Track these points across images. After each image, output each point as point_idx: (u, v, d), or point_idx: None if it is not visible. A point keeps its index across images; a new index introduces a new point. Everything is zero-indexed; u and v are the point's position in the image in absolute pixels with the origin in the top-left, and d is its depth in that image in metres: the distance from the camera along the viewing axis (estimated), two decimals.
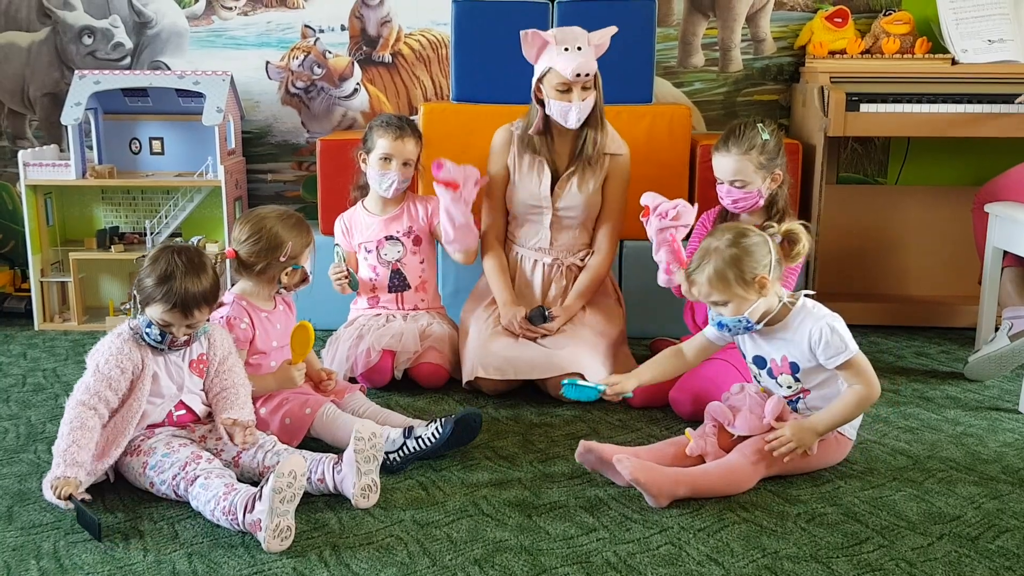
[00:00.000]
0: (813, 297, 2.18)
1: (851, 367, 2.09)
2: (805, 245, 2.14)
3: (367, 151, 2.84)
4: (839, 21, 3.43)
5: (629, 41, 3.13)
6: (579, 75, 2.62)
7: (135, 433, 2.06)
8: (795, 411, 2.19)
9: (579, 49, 2.63)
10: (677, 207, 2.48)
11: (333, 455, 2.06)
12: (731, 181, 2.52)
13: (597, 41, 2.65)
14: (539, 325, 2.72)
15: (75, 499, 1.90)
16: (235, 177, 3.55)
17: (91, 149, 3.59)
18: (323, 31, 3.67)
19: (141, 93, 3.54)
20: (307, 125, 3.75)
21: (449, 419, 2.23)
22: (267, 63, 3.69)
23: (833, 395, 2.15)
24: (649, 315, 3.11)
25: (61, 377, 2.91)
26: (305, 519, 1.94)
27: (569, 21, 3.09)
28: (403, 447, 2.19)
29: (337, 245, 2.91)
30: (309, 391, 2.40)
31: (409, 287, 2.91)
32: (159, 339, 2.04)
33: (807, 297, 2.16)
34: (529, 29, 2.69)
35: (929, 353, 3.17)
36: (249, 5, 3.65)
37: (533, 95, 2.74)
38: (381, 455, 2.03)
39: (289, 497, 1.82)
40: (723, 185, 2.55)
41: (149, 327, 2.03)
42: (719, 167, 2.54)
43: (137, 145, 3.63)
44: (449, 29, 3.30)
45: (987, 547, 1.86)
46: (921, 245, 3.57)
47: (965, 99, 3.15)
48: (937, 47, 3.38)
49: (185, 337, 2.06)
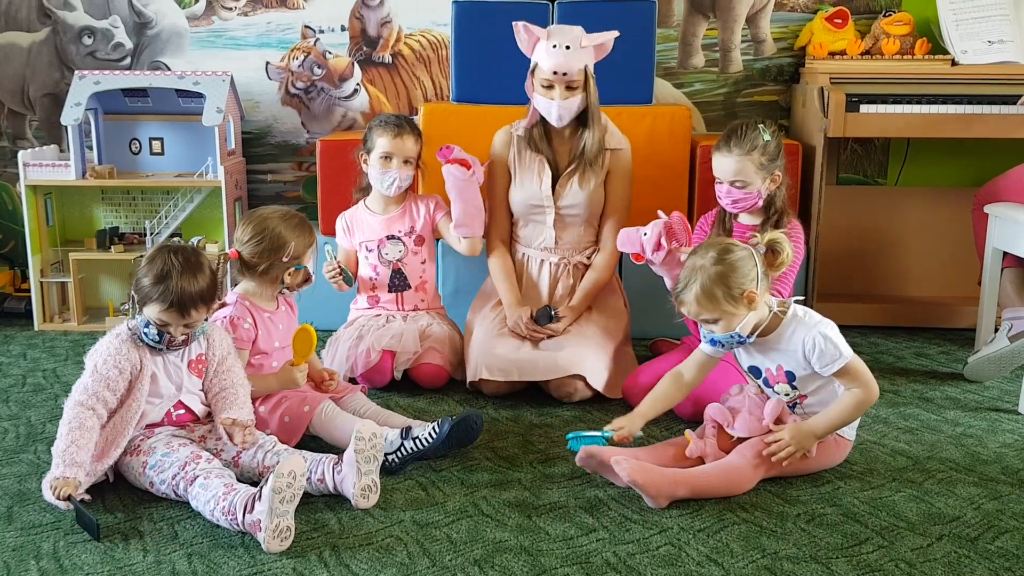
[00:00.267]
0: (803, 303, 2.17)
1: (847, 372, 2.09)
2: (789, 254, 2.13)
3: (367, 151, 2.85)
4: (839, 22, 3.43)
5: (629, 42, 3.13)
6: (556, 73, 2.62)
7: (134, 433, 2.06)
8: (792, 413, 2.19)
9: (567, 48, 2.62)
10: (659, 232, 2.41)
11: (333, 455, 2.06)
12: (731, 181, 2.51)
13: (592, 42, 2.63)
14: (545, 325, 2.72)
15: (74, 499, 1.90)
16: (235, 177, 3.55)
17: (91, 149, 3.59)
18: (323, 32, 3.67)
19: (141, 93, 3.54)
20: (307, 125, 3.75)
21: (446, 420, 2.23)
22: (267, 63, 3.69)
23: (831, 398, 2.15)
24: (649, 315, 3.10)
25: (61, 377, 2.91)
26: (305, 519, 1.94)
27: (569, 21, 3.09)
28: (401, 448, 2.19)
29: (326, 244, 2.90)
30: (308, 389, 2.40)
31: (409, 287, 2.91)
32: (157, 339, 2.04)
33: (797, 304, 2.15)
34: (521, 22, 2.69)
35: (929, 354, 3.17)
36: (249, 5, 3.65)
37: (526, 89, 2.74)
38: (381, 455, 2.03)
39: (289, 497, 1.82)
40: (722, 185, 2.54)
41: (147, 327, 2.04)
42: (719, 167, 2.53)
43: (137, 145, 3.63)
44: (449, 30, 3.29)
45: (987, 548, 1.86)
46: (921, 246, 3.57)
47: (965, 100, 3.14)
48: (937, 48, 3.38)
49: (183, 337, 2.06)
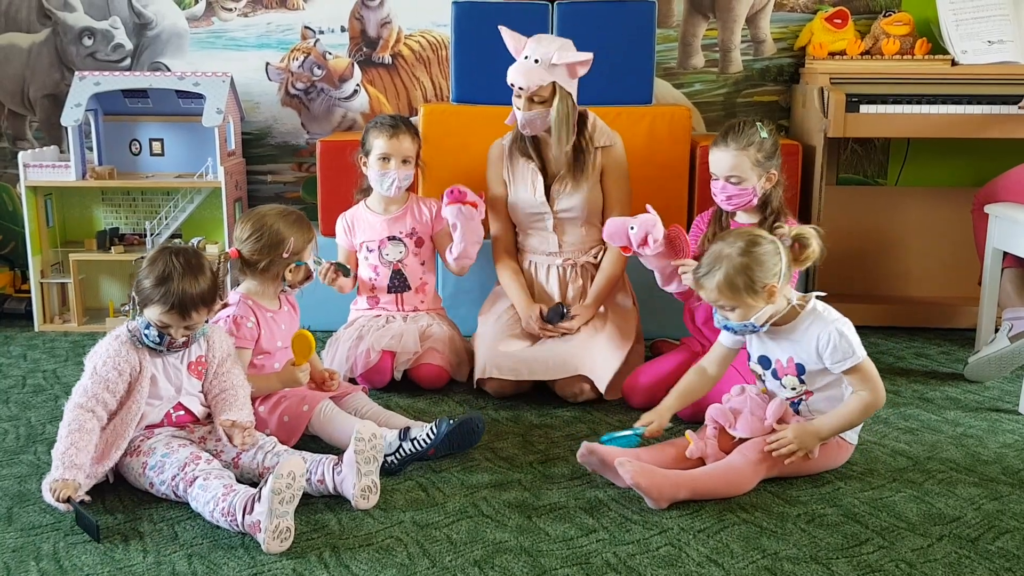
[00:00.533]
0: (823, 299, 2.18)
1: (858, 372, 2.09)
2: (815, 249, 2.13)
3: (365, 153, 2.85)
4: (839, 22, 3.43)
5: (629, 42, 3.14)
6: (513, 84, 2.63)
7: (134, 434, 2.06)
8: (797, 413, 2.19)
9: (535, 62, 2.60)
10: (646, 230, 2.43)
11: (333, 456, 2.06)
12: (727, 177, 2.51)
13: (561, 60, 2.59)
14: (558, 324, 2.71)
15: (74, 501, 1.90)
16: (235, 178, 3.55)
17: (91, 150, 3.58)
18: (323, 32, 3.67)
19: (141, 94, 3.54)
20: (307, 126, 3.75)
21: (443, 420, 2.23)
22: (267, 64, 3.69)
23: (837, 398, 2.15)
24: (649, 316, 3.11)
25: (61, 378, 2.91)
26: (305, 520, 1.94)
27: (569, 22, 3.10)
28: (399, 449, 2.19)
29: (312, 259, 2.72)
30: (307, 389, 2.40)
31: (409, 288, 2.90)
32: (157, 340, 2.04)
33: (818, 300, 2.16)
34: (503, 27, 2.69)
35: (929, 354, 3.17)
36: (249, 6, 3.65)
37: None
38: (381, 456, 2.03)
39: (288, 498, 1.82)
40: (718, 181, 2.54)
41: (147, 328, 2.04)
42: (715, 162, 2.54)
43: (137, 146, 3.63)
44: (449, 30, 3.29)
45: (987, 548, 1.86)
46: (921, 246, 3.57)
47: (965, 100, 3.14)
48: (937, 48, 3.38)
49: (183, 338, 2.06)
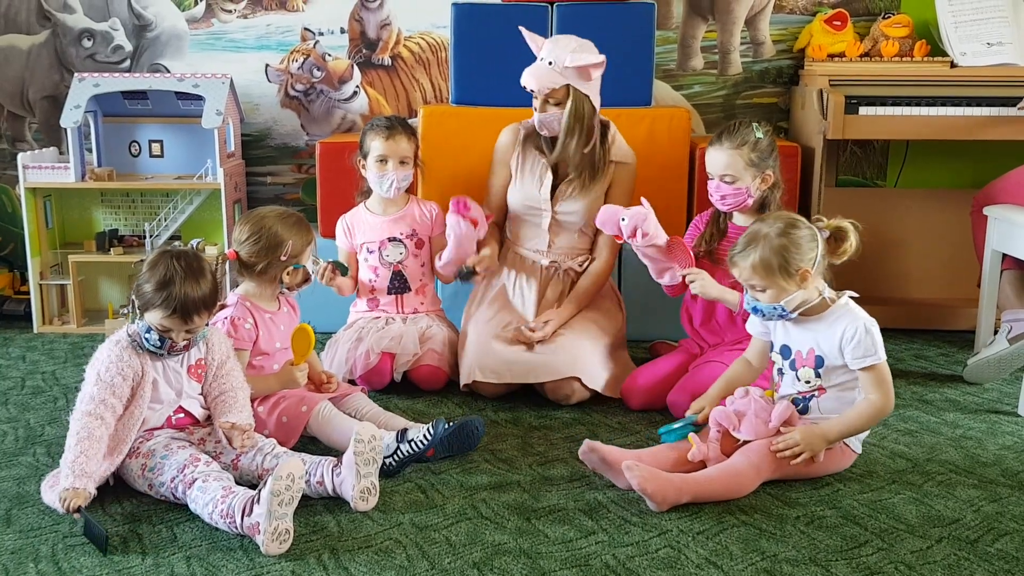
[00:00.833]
0: (856, 300, 2.18)
1: (875, 373, 2.10)
2: (853, 244, 2.14)
3: (363, 156, 2.85)
4: (838, 24, 3.43)
5: (628, 44, 3.14)
6: (524, 86, 2.64)
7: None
8: (806, 411, 2.19)
9: (548, 64, 2.62)
10: (635, 224, 2.44)
11: (332, 458, 2.06)
12: (720, 176, 2.52)
13: (573, 63, 2.59)
14: (465, 280, 2.77)
15: (84, 511, 1.88)
16: (234, 180, 3.55)
17: (90, 152, 3.58)
18: (323, 34, 3.67)
19: (141, 96, 3.54)
20: (307, 128, 3.75)
21: (440, 421, 2.23)
22: (267, 66, 3.69)
23: (848, 401, 2.16)
24: (649, 317, 3.11)
25: (60, 380, 2.91)
26: (304, 522, 1.94)
27: (568, 24, 3.10)
28: (397, 451, 2.19)
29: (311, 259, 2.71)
30: (305, 391, 2.39)
31: (409, 289, 2.90)
32: (158, 344, 2.03)
33: (851, 299, 2.17)
34: (523, 27, 2.69)
35: (928, 356, 3.17)
36: (249, 8, 3.66)
37: None
38: (380, 458, 2.03)
39: (287, 500, 1.81)
40: (712, 180, 2.56)
41: (148, 332, 2.02)
42: (710, 161, 2.56)
43: (136, 148, 3.63)
44: (448, 32, 3.29)
45: (986, 550, 1.86)
46: (920, 248, 3.57)
47: (964, 102, 3.14)
48: (936, 50, 3.38)
49: (184, 342, 2.05)
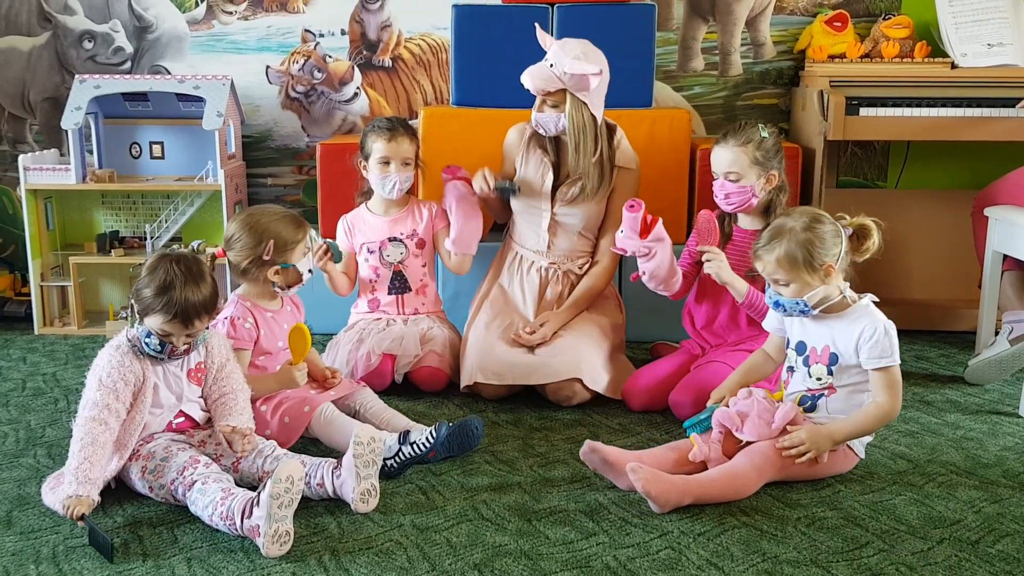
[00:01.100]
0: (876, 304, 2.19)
1: (887, 376, 2.10)
2: (876, 242, 2.15)
3: (365, 157, 2.85)
4: (838, 25, 3.43)
5: (629, 45, 3.14)
6: (525, 86, 2.67)
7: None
8: (813, 410, 2.18)
9: (550, 66, 2.63)
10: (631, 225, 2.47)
11: (332, 459, 2.06)
12: (725, 173, 2.53)
13: (571, 70, 2.60)
14: (505, 195, 2.79)
15: (88, 519, 1.87)
16: (235, 181, 3.55)
17: (91, 153, 3.59)
18: (323, 35, 3.67)
19: (141, 97, 3.54)
20: (307, 129, 3.75)
21: (442, 423, 2.23)
22: (267, 67, 3.69)
23: (855, 404, 2.16)
24: (649, 319, 3.11)
25: (61, 381, 2.91)
26: (304, 523, 1.94)
27: (569, 25, 3.10)
28: (399, 453, 2.19)
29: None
30: (307, 390, 2.39)
31: (410, 289, 2.90)
32: (159, 349, 2.01)
33: (872, 302, 2.17)
34: (539, 26, 2.71)
35: (929, 357, 3.17)
36: (249, 9, 3.66)
37: None
38: (380, 459, 2.03)
39: (287, 502, 1.81)
40: (717, 180, 2.56)
41: (148, 337, 2.01)
42: (715, 159, 2.56)
43: (137, 149, 3.63)
44: (449, 33, 3.30)
45: (987, 551, 1.86)
46: (921, 248, 3.57)
47: (964, 103, 3.14)
48: (937, 51, 3.38)
49: (185, 346, 2.04)
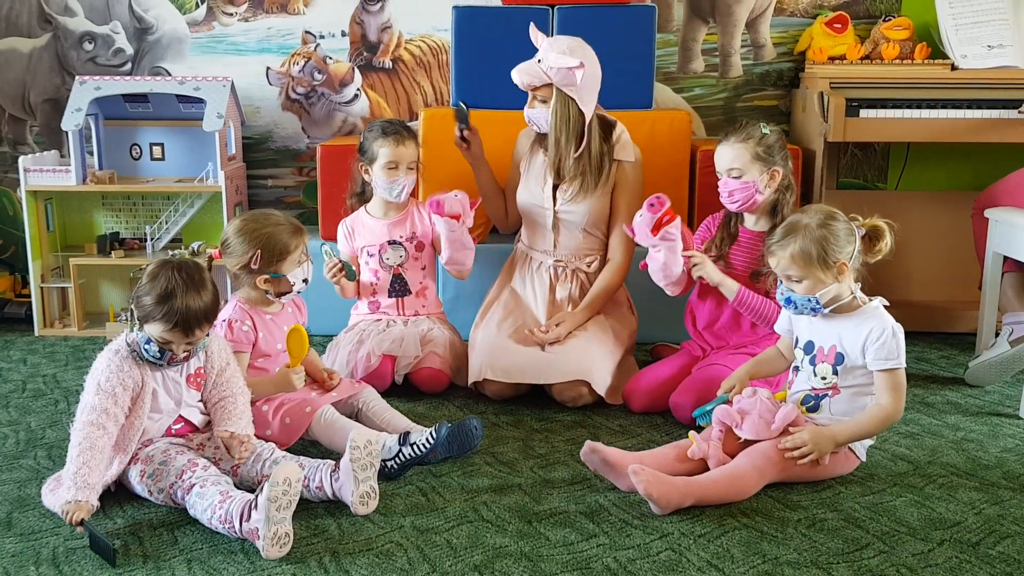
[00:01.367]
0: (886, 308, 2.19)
1: (891, 378, 2.11)
2: (887, 243, 2.15)
3: (368, 161, 2.84)
4: (839, 27, 3.43)
5: (629, 46, 3.14)
6: (514, 81, 2.68)
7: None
8: (816, 410, 2.19)
9: (539, 61, 2.65)
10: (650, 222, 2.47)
11: (330, 461, 2.06)
12: (728, 170, 2.53)
13: (556, 64, 2.61)
14: (460, 117, 2.81)
15: (88, 524, 1.86)
16: (235, 183, 3.55)
17: (92, 155, 3.59)
18: (324, 37, 3.67)
19: (142, 99, 3.54)
20: (307, 131, 3.76)
21: (443, 424, 2.23)
22: (268, 69, 3.69)
23: (859, 406, 2.16)
24: (650, 320, 3.10)
25: (61, 383, 2.91)
26: (305, 525, 1.94)
27: (569, 27, 3.10)
28: (399, 454, 2.19)
29: (323, 246, 2.82)
30: (306, 392, 2.39)
31: (410, 292, 2.90)
32: (158, 356, 2.00)
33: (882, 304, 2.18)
34: (534, 25, 2.72)
35: (929, 358, 3.17)
36: (250, 11, 3.66)
37: None
38: (378, 462, 2.02)
39: (285, 504, 1.81)
40: (722, 178, 2.56)
41: (148, 344, 1.99)
42: (718, 158, 2.57)
43: (138, 151, 3.63)
44: (449, 35, 3.30)
45: (988, 553, 1.86)
46: (921, 250, 3.57)
47: (965, 104, 3.14)
48: (937, 53, 3.38)
49: (185, 353, 2.03)
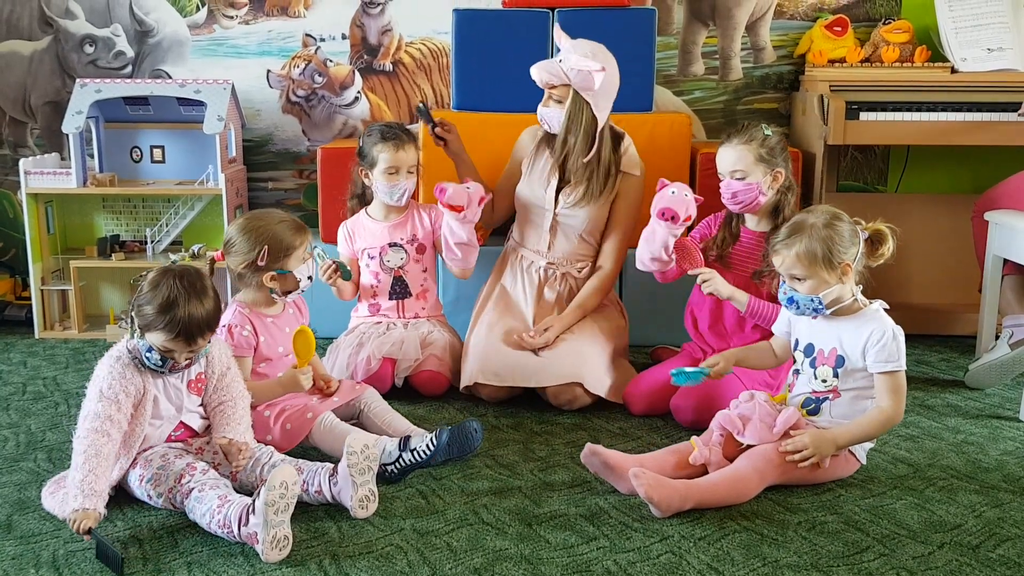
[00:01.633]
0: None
1: (892, 380, 2.11)
2: (890, 248, 2.16)
3: (369, 166, 2.84)
4: (838, 30, 3.43)
5: (629, 49, 3.14)
6: (533, 78, 2.69)
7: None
8: (816, 413, 2.19)
9: (559, 61, 2.66)
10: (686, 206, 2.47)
11: (329, 465, 2.05)
12: (731, 172, 2.53)
13: (575, 65, 2.63)
14: (425, 118, 2.83)
15: (96, 533, 1.84)
16: (236, 185, 3.55)
17: (92, 157, 3.59)
18: (324, 40, 3.67)
19: (142, 101, 3.55)
20: (308, 133, 3.76)
21: (443, 430, 2.23)
22: (268, 72, 3.70)
23: (859, 410, 2.16)
24: (650, 323, 3.11)
25: (61, 385, 2.91)
26: (304, 528, 1.94)
27: (569, 29, 3.08)
28: (399, 459, 2.18)
29: (315, 248, 2.70)
30: (308, 397, 2.38)
31: (410, 294, 2.90)
32: (160, 364, 1.99)
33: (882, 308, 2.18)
34: (558, 27, 2.75)
35: (929, 361, 3.17)
36: (250, 14, 3.66)
37: None
38: (376, 465, 2.02)
39: (283, 508, 1.80)
40: (724, 180, 2.56)
41: (149, 352, 1.98)
42: (720, 160, 2.57)
43: (138, 153, 3.63)
44: (450, 38, 3.30)
45: (988, 556, 1.86)
46: (921, 253, 3.57)
47: (964, 107, 3.15)
48: (936, 56, 3.39)
49: (187, 361, 2.03)
